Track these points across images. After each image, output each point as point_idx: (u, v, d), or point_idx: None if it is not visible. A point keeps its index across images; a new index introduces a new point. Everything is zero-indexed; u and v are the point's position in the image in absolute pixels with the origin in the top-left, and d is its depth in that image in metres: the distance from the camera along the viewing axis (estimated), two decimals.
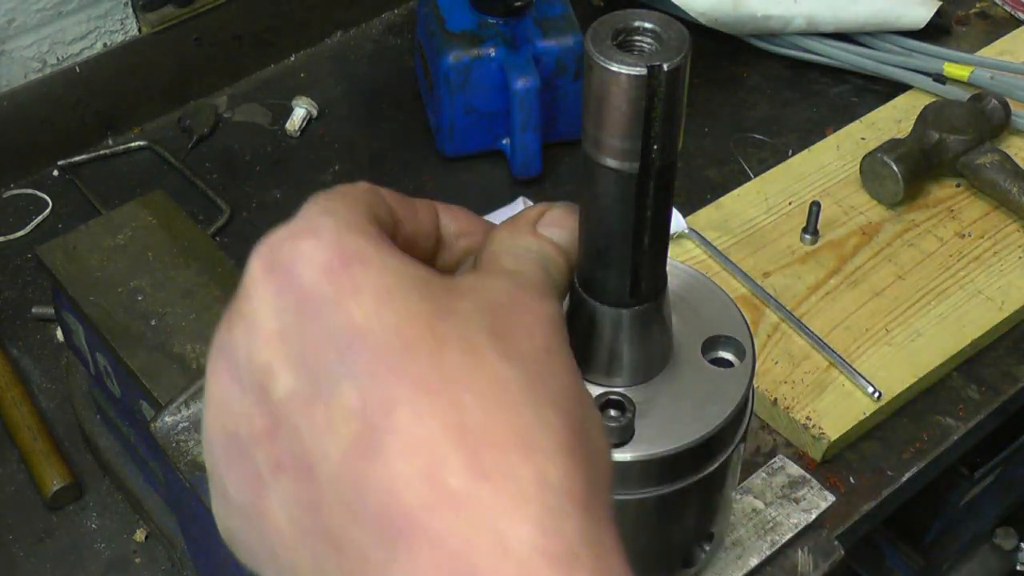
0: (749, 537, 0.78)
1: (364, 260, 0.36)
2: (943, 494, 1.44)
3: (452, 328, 0.35)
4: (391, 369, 0.34)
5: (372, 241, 0.37)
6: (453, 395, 0.34)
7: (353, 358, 0.34)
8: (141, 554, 0.99)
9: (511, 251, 0.44)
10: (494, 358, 0.35)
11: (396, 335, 0.35)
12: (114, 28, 1.31)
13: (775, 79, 1.41)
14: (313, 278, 0.36)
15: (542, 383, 0.36)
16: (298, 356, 0.35)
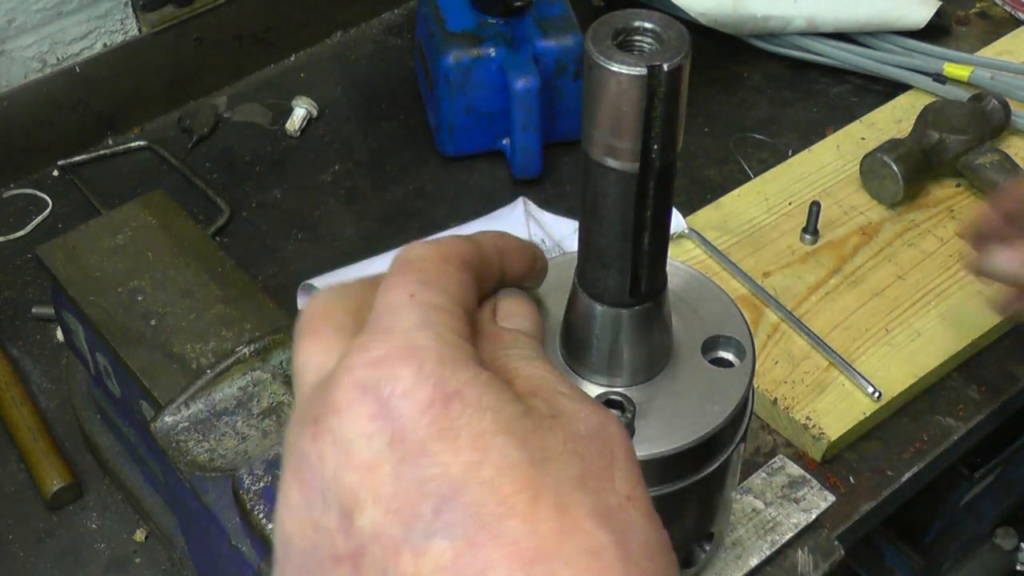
0: (749, 537, 0.78)
1: (463, 400, 0.37)
2: (943, 494, 1.43)
3: (547, 481, 0.36)
4: (487, 530, 0.35)
5: (471, 371, 0.38)
6: (548, 566, 0.35)
7: (449, 514, 0.35)
8: (141, 554, 0.99)
9: (507, 358, 0.43)
10: (587, 522, 0.36)
11: (492, 492, 0.36)
12: (114, 28, 1.31)
13: (775, 79, 1.41)
14: (412, 415, 0.37)
15: (628, 545, 0.37)
16: (390, 495, 0.36)
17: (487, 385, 0.38)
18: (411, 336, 0.38)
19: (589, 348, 0.56)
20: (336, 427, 0.37)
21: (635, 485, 0.39)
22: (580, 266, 0.55)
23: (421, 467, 0.36)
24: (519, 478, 0.36)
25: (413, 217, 1.26)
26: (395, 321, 0.39)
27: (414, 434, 0.36)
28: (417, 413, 0.37)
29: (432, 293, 0.41)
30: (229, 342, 0.85)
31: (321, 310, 0.43)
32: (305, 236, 1.24)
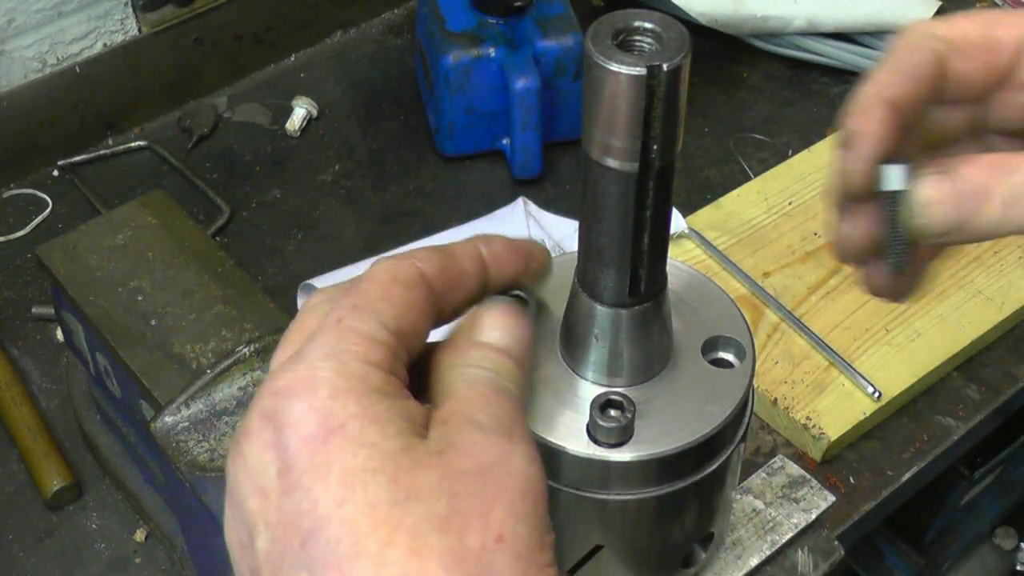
0: (749, 537, 0.78)
1: (344, 434, 0.39)
2: (943, 494, 1.44)
3: (405, 521, 0.38)
4: (337, 569, 0.37)
5: (361, 405, 0.40)
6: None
7: (311, 551, 0.38)
8: (141, 554, 0.99)
9: (461, 375, 0.45)
10: (434, 566, 0.37)
11: (349, 531, 0.38)
12: (114, 28, 1.32)
13: (775, 79, 1.41)
14: (296, 448, 0.39)
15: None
16: (275, 523, 0.39)
17: (374, 419, 0.40)
18: (314, 366, 0.41)
19: (589, 348, 0.56)
20: (245, 452, 0.41)
21: (514, 524, 0.40)
22: (580, 266, 0.55)
23: (296, 500, 0.39)
24: (377, 518, 0.38)
25: (413, 217, 1.26)
26: (309, 350, 0.42)
27: (296, 467, 0.39)
28: (300, 445, 0.39)
29: (360, 319, 0.43)
30: (229, 342, 0.85)
31: (312, 306, 0.45)
32: (305, 236, 1.24)
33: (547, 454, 0.55)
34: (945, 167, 0.51)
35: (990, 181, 0.50)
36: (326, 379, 0.41)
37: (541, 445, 0.55)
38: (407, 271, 0.45)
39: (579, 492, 0.57)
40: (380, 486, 0.38)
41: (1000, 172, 0.50)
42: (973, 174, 0.50)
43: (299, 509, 0.38)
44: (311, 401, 0.40)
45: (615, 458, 0.55)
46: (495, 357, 0.46)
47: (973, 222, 0.51)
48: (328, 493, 0.38)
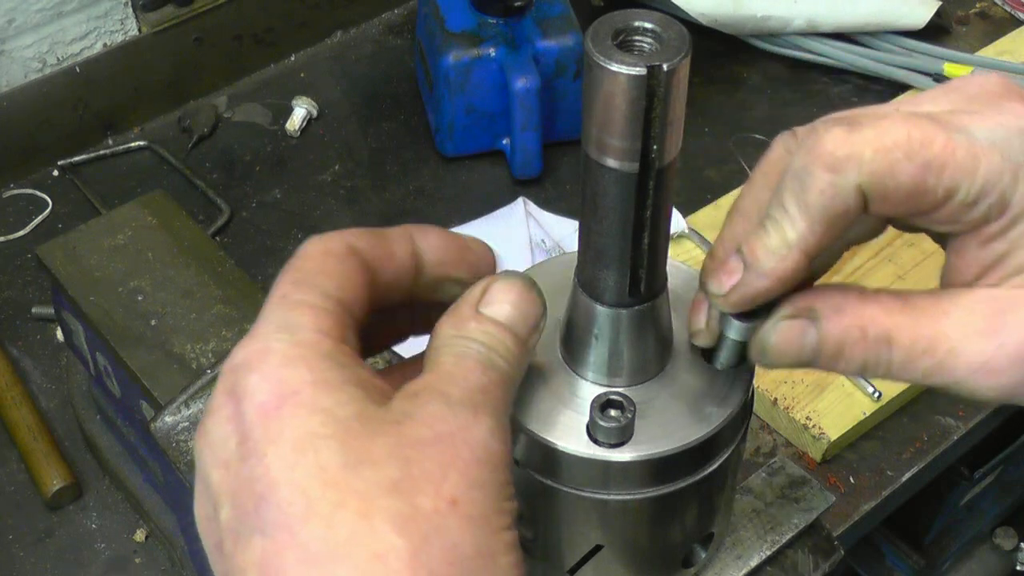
0: (749, 537, 0.78)
1: (297, 401, 0.40)
2: (943, 494, 1.44)
3: (355, 485, 0.38)
4: (288, 531, 0.38)
5: (315, 372, 0.41)
6: (330, 569, 0.37)
7: (264, 514, 0.39)
8: (141, 554, 0.99)
9: (452, 347, 0.45)
10: (384, 526, 0.38)
11: (300, 494, 0.38)
12: (114, 28, 1.32)
13: (775, 79, 1.41)
14: (252, 416, 0.40)
15: (427, 550, 0.38)
16: (233, 492, 0.40)
17: (327, 385, 0.41)
18: (266, 339, 0.42)
19: (589, 348, 0.56)
20: (209, 428, 0.42)
21: (468, 489, 0.40)
22: (580, 266, 0.55)
23: (251, 466, 0.39)
24: (327, 480, 0.38)
25: (413, 217, 1.26)
26: (261, 324, 0.43)
27: (251, 435, 0.40)
28: (255, 414, 0.40)
29: (302, 291, 0.44)
30: (229, 342, 0.85)
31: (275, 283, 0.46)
32: (305, 236, 1.23)
33: (547, 454, 0.55)
34: (809, 310, 0.49)
35: (854, 343, 0.48)
36: (278, 349, 0.41)
37: (541, 445, 0.55)
38: (338, 244, 0.46)
39: (579, 492, 0.57)
40: (332, 451, 0.39)
41: (864, 334, 0.47)
42: (836, 331, 0.48)
43: (253, 475, 0.39)
44: (264, 371, 0.41)
45: (615, 458, 0.55)
46: (494, 331, 0.46)
47: (822, 366, 0.50)
48: (280, 458, 0.39)
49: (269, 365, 0.41)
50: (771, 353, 0.50)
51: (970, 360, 0.46)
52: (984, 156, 0.46)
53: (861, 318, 0.48)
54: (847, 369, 0.49)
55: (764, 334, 0.50)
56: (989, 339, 0.46)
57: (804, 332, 0.49)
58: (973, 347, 0.46)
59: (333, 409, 0.40)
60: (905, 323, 0.47)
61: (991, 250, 0.47)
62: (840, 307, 0.48)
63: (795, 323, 0.49)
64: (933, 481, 1.06)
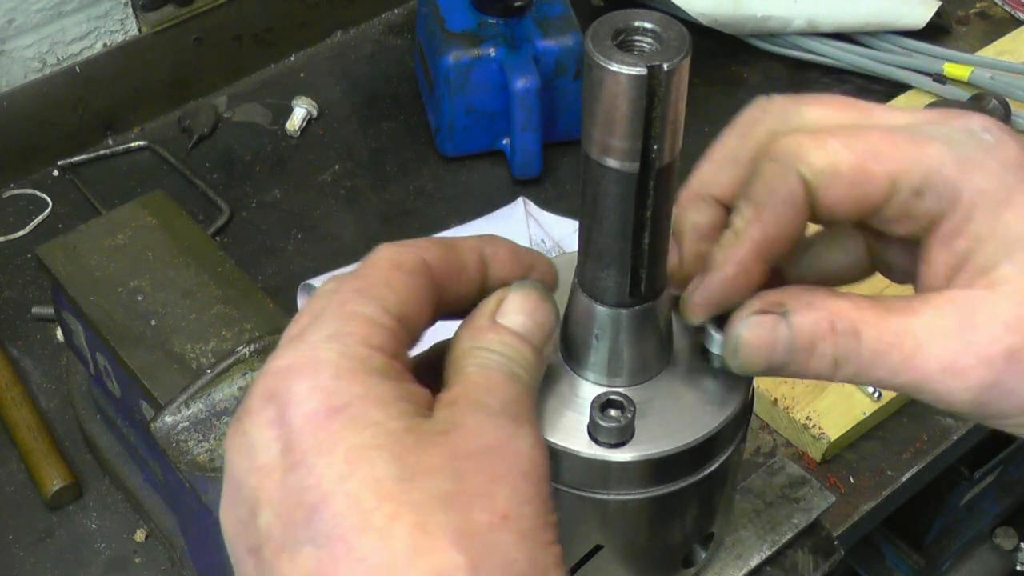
0: (749, 537, 0.78)
1: (348, 414, 0.39)
2: (943, 494, 1.44)
3: (411, 497, 0.38)
4: (344, 543, 0.37)
5: (365, 385, 0.40)
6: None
7: (316, 525, 0.38)
8: (141, 554, 0.99)
9: (474, 358, 0.45)
10: (442, 542, 0.37)
11: (355, 507, 0.38)
12: (114, 28, 1.31)
13: (775, 79, 1.41)
14: (300, 426, 0.39)
15: (486, 566, 0.38)
16: (277, 500, 0.39)
17: (377, 400, 0.40)
18: (316, 348, 0.41)
19: (589, 348, 0.56)
20: (247, 430, 0.41)
21: (520, 504, 0.40)
22: (580, 266, 0.55)
23: (300, 476, 0.39)
24: (383, 493, 0.38)
25: (413, 217, 1.26)
26: (312, 331, 0.42)
27: (299, 444, 0.39)
28: (304, 424, 0.39)
29: (362, 302, 0.43)
30: (229, 342, 0.85)
31: (324, 290, 0.45)
32: (305, 236, 1.24)
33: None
34: (779, 305, 0.48)
35: (823, 336, 0.47)
36: (329, 360, 0.41)
37: None
38: (409, 257, 0.45)
39: (579, 492, 0.57)
40: (385, 463, 0.38)
41: (833, 327, 0.47)
42: (806, 323, 0.47)
43: (303, 485, 0.38)
44: (314, 380, 0.40)
45: (615, 458, 0.55)
46: (512, 341, 0.46)
47: (799, 369, 0.48)
48: (333, 469, 0.38)
49: (320, 375, 0.40)
50: (743, 350, 0.49)
51: (938, 356, 0.46)
52: (926, 144, 0.46)
53: (830, 311, 0.47)
54: (820, 366, 0.48)
55: (735, 329, 0.50)
56: (957, 337, 0.46)
57: (775, 326, 0.48)
58: (941, 344, 0.46)
59: (384, 423, 0.40)
60: (872, 318, 0.47)
61: (955, 250, 0.47)
62: (810, 302, 0.48)
63: (766, 317, 0.49)
64: (933, 481, 1.06)
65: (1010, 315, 0.45)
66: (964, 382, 0.46)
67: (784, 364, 0.49)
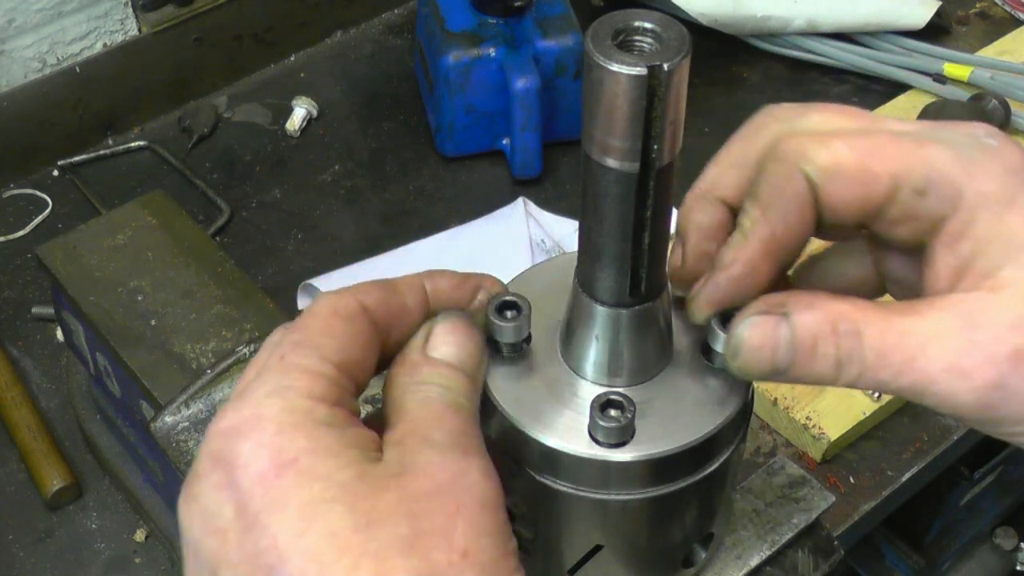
0: (749, 537, 0.78)
1: (296, 468, 0.39)
2: (943, 494, 1.44)
3: (369, 547, 0.38)
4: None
5: (311, 439, 0.40)
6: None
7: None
8: (141, 554, 0.99)
9: (413, 394, 0.45)
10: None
11: (313, 561, 0.38)
12: (114, 28, 1.32)
13: (775, 79, 1.41)
14: (249, 487, 0.39)
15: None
16: (236, 561, 0.39)
17: (325, 451, 0.40)
18: (259, 405, 0.41)
19: (589, 348, 0.56)
20: (198, 494, 0.41)
21: (478, 538, 0.40)
22: (580, 266, 0.55)
23: (256, 537, 0.39)
24: (341, 546, 0.38)
25: (413, 217, 1.26)
26: (254, 388, 0.42)
27: (251, 504, 0.39)
28: (253, 484, 0.39)
29: (301, 354, 0.43)
30: (229, 342, 0.85)
31: (267, 343, 0.46)
32: (305, 236, 1.24)
33: (547, 454, 0.55)
34: (781, 307, 0.48)
35: (825, 337, 0.47)
36: (272, 416, 0.41)
37: (542, 445, 0.55)
38: (347, 304, 0.45)
39: (579, 492, 0.57)
40: (339, 515, 0.39)
41: (835, 328, 0.46)
42: (808, 324, 0.47)
43: (259, 547, 0.38)
44: (259, 438, 0.40)
45: (615, 458, 0.55)
46: (447, 373, 0.46)
47: (802, 372, 0.48)
48: (287, 527, 0.38)
49: (263, 433, 0.40)
50: (744, 351, 0.49)
51: (942, 357, 0.45)
52: (929, 145, 0.47)
53: (832, 312, 0.47)
54: (822, 368, 0.47)
55: (737, 331, 0.49)
56: (961, 337, 0.45)
57: (777, 326, 0.48)
58: (945, 344, 0.45)
59: (333, 474, 0.40)
60: (875, 318, 0.47)
61: (958, 252, 0.47)
62: (812, 303, 0.47)
63: (768, 318, 0.48)
64: (933, 481, 1.06)
65: (1015, 316, 0.45)
66: (969, 383, 0.45)
67: (786, 367, 0.48)
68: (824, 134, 0.48)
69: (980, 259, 0.46)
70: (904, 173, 0.46)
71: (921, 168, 0.46)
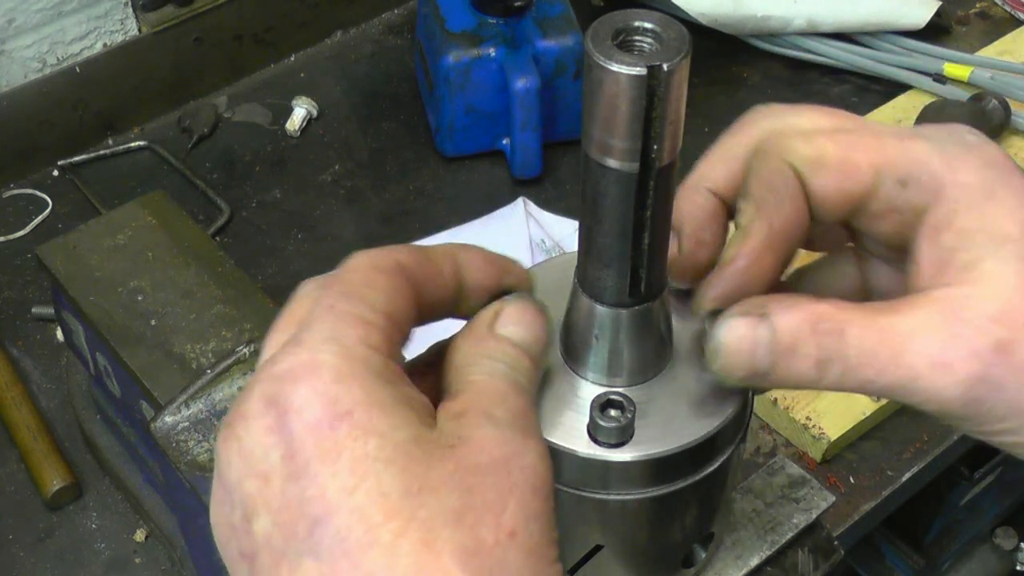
0: (749, 537, 0.78)
1: (352, 421, 0.38)
2: (943, 494, 1.43)
3: (418, 513, 0.37)
4: (348, 558, 0.37)
5: (367, 389, 0.39)
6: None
7: (319, 536, 0.37)
8: (141, 554, 0.99)
9: (480, 366, 0.44)
10: (448, 561, 0.37)
11: (360, 520, 0.37)
12: (114, 28, 1.32)
13: (775, 79, 1.41)
14: (301, 433, 0.38)
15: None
16: (277, 508, 0.38)
17: (381, 407, 0.39)
18: (315, 350, 0.40)
19: (589, 348, 0.56)
20: (242, 435, 0.40)
21: (528, 520, 0.39)
22: (580, 266, 0.55)
23: (302, 486, 0.38)
24: (389, 508, 0.37)
25: (413, 217, 1.26)
26: (307, 334, 0.41)
27: (301, 452, 0.38)
28: (306, 431, 0.38)
29: (351, 303, 0.42)
30: (229, 342, 0.85)
31: (300, 296, 0.44)
32: (305, 236, 1.24)
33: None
34: (760, 308, 0.48)
35: (805, 337, 0.46)
36: (329, 362, 0.40)
37: None
38: (386, 259, 0.44)
39: (579, 492, 0.57)
40: (392, 476, 0.38)
41: (815, 328, 0.46)
42: (788, 324, 0.47)
43: (305, 495, 0.38)
44: (314, 385, 0.39)
45: (615, 458, 0.55)
46: (513, 352, 0.46)
47: (784, 374, 0.47)
48: (337, 480, 0.37)
49: (320, 379, 0.39)
50: (723, 353, 0.49)
51: (925, 352, 0.45)
52: (909, 139, 0.47)
53: (813, 313, 0.47)
54: (802, 368, 0.47)
55: (716, 332, 0.49)
56: (944, 331, 0.45)
57: (756, 327, 0.47)
58: (928, 339, 0.45)
59: (388, 432, 0.39)
60: (857, 317, 0.46)
61: (941, 245, 0.47)
62: (792, 304, 0.47)
63: (747, 319, 0.48)
64: (933, 481, 1.06)
65: (996, 309, 0.45)
66: (953, 376, 0.45)
67: (767, 369, 0.48)
68: (809, 131, 0.49)
69: (961, 252, 0.46)
70: (886, 165, 0.47)
71: (903, 160, 0.47)
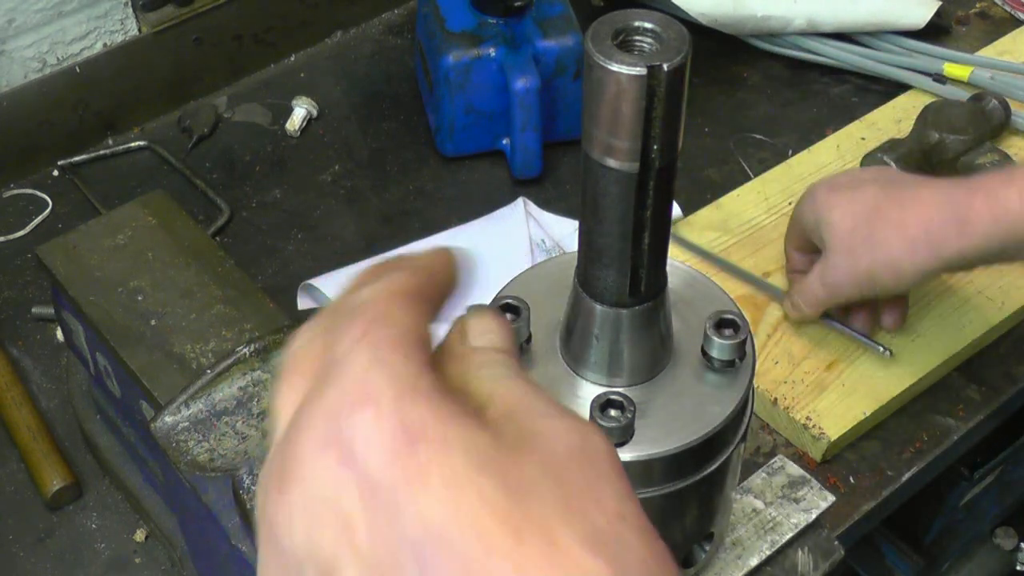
0: (749, 537, 0.78)
1: (428, 437, 0.35)
2: (943, 494, 1.43)
3: (529, 514, 0.35)
4: (470, 573, 0.33)
5: (431, 404, 0.36)
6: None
7: (430, 562, 0.34)
8: (141, 554, 0.99)
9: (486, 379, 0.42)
10: (577, 550, 0.34)
11: (473, 531, 0.34)
12: (114, 28, 1.32)
13: (775, 79, 1.41)
14: (378, 462, 0.35)
15: (624, 568, 0.35)
16: (368, 551, 0.35)
17: (451, 418, 0.36)
18: (362, 381, 0.37)
19: (589, 348, 0.56)
20: (303, 485, 0.36)
21: (625, 500, 0.37)
22: (580, 266, 0.55)
23: (395, 516, 0.34)
24: (499, 515, 0.34)
25: (413, 217, 1.26)
26: (347, 366, 0.37)
27: (384, 482, 0.35)
28: (383, 459, 0.35)
29: (383, 328, 0.39)
30: (229, 342, 0.85)
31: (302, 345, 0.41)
32: (305, 236, 1.24)
33: None
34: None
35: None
36: (383, 386, 0.36)
37: None
38: (401, 282, 0.42)
39: None
40: (490, 483, 0.35)
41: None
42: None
43: (402, 525, 0.34)
44: (375, 411, 0.36)
45: None
46: (501, 356, 0.44)
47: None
48: (435, 500, 0.34)
49: (379, 404, 0.36)
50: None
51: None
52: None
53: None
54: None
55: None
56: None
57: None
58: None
59: (468, 442, 0.36)
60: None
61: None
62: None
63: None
64: (933, 481, 1.06)
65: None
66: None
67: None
68: None
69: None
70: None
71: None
